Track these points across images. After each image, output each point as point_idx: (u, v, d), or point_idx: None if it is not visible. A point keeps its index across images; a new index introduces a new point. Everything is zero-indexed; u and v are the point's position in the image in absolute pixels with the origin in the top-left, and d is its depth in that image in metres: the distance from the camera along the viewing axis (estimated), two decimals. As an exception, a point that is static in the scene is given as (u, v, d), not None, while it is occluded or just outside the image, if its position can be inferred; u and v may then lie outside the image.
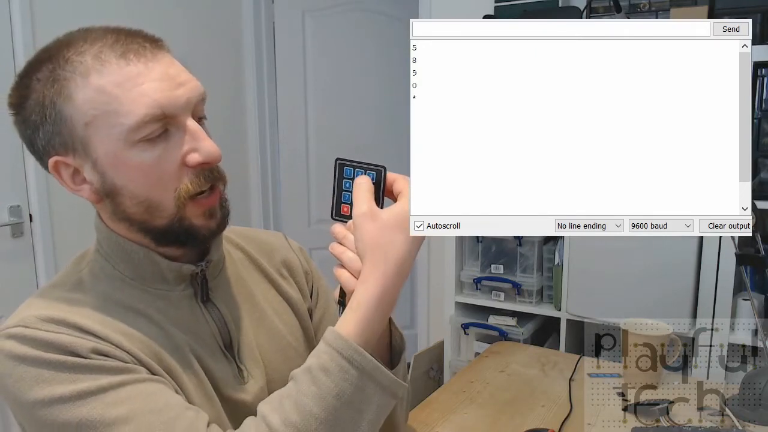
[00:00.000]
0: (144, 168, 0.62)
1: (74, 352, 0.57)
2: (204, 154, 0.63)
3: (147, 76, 0.60)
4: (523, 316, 1.87)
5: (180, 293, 0.69)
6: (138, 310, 0.65)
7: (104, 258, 0.68)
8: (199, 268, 0.69)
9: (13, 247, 1.82)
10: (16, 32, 1.76)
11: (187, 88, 0.63)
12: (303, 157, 2.77)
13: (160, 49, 0.64)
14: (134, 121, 0.59)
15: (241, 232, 0.84)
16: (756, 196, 0.73)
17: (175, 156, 0.62)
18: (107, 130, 0.60)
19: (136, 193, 0.63)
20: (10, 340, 0.58)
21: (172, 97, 0.61)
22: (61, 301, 0.63)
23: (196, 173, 0.63)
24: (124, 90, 0.59)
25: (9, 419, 1.81)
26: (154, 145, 0.61)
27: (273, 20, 2.69)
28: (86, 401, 0.55)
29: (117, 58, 0.60)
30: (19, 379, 0.57)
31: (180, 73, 0.63)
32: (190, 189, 0.63)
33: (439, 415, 1.09)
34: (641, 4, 1.73)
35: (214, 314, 0.71)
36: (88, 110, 0.60)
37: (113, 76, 0.60)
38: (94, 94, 0.60)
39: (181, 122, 0.62)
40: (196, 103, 0.64)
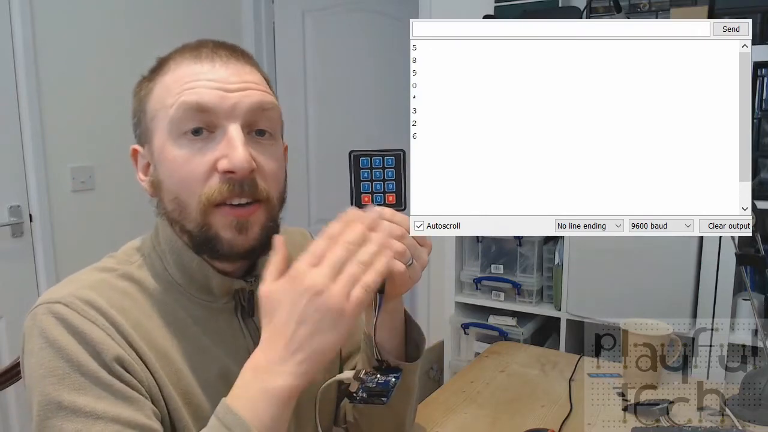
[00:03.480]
0: (177, 163, 0.62)
1: (99, 353, 0.58)
2: (231, 162, 0.61)
3: (206, 75, 0.62)
4: (523, 316, 1.87)
5: (222, 305, 0.69)
6: (177, 320, 0.65)
7: (159, 257, 0.68)
8: (249, 284, 0.69)
9: (13, 247, 1.82)
10: (16, 32, 1.76)
11: (240, 95, 0.62)
12: (303, 156, 2.77)
13: (238, 59, 0.65)
14: (173, 111, 0.62)
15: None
16: (756, 196, 0.73)
17: (207, 157, 0.62)
18: (161, 122, 0.63)
19: (171, 189, 0.64)
20: (48, 315, 0.59)
21: (217, 97, 0.61)
22: (110, 287, 0.64)
23: (224, 180, 0.61)
24: (180, 84, 0.62)
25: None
26: (192, 143, 0.62)
27: (273, 20, 2.69)
28: (77, 420, 0.55)
29: (189, 59, 0.64)
30: (38, 364, 0.57)
31: (243, 81, 0.63)
32: (212, 195, 0.62)
33: (439, 415, 1.09)
34: (641, 4, 1.73)
35: (251, 329, 0.71)
36: (155, 104, 0.64)
37: (180, 73, 0.63)
38: (161, 90, 0.64)
39: (225, 126, 0.62)
40: (250, 112, 0.63)
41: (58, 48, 1.88)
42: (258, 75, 0.67)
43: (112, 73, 2.02)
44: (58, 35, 1.88)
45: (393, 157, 0.63)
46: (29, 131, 1.80)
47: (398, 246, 0.60)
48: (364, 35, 2.73)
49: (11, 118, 1.78)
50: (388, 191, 0.63)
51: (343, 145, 2.71)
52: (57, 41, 1.88)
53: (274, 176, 0.66)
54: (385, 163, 0.63)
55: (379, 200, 0.63)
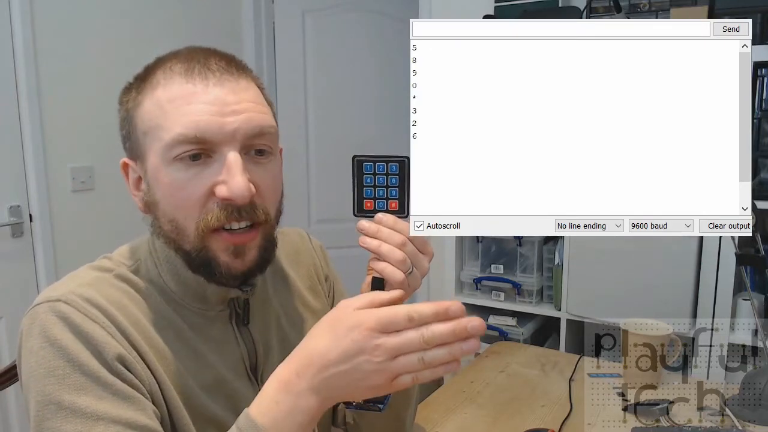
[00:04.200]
0: (173, 188, 0.61)
1: (100, 352, 0.58)
2: (230, 189, 0.59)
3: (200, 97, 0.60)
4: (523, 316, 1.87)
5: (217, 313, 0.69)
6: (172, 324, 0.65)
7: (155, 264, 0.67)
8: (244, 293, 0.69)
9: (13, 247, 1.82)
10: (16, 32, 1.76)
11: (240, 119, 0.61)
12: (303, 157, 2.77)
13: (232, 74, 0.63)
14: (169, 139, 0.60)
15: None
16: (756, 196, 0.73)
17: (205, 183, 0.61)
18: (155, 143, 0.61)
19: (167, 212, 0.63)
20: (50, 314, 0.58)
21: (215, 123, 0.60)
22: (109, 285, 0.63)
23: (222, 207, 0.61)
24: (174, 107, 0.60)
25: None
26: (188, 168, 0.60)
27: (273, 20, 2.69)
28: (77, 420, 0.55)
29: (181, 75, 0.61)
30: (38, 363, 0.57)
31: (240, 102, 0.62)
32: (209, 222, 0.61)
33: (439, 415, 1.09)
34: (641, 4, 1.73)
35: (245, 336, 0.71)
36: (147, 121, 0.62)
37: (172, 92, 0.61)
38: (152, 107, 0.62)
39: (223, 152, 0.60)
40: (250, 136, 0.62)
41: (58, 48, 1.88)
42: (254, 90, 0.65)
43: (112, 73, 2.01)
44: (58, 35, 1.88)
45: (397, 163, 0.63)
46: (29, 131, 1.80)
47: (398, 255, 0.60)
48: (364, 35, 2.73)
49: (11, 118, 1.78)
50: (391, 198, 0.63)
51: (343, 146, 2.73)
52: (57, 41, 1.88)
53: (273, 193, 0.66)
54: (389, 170, 0.63)
55: (381, 206, 0.63)
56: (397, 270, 0.60)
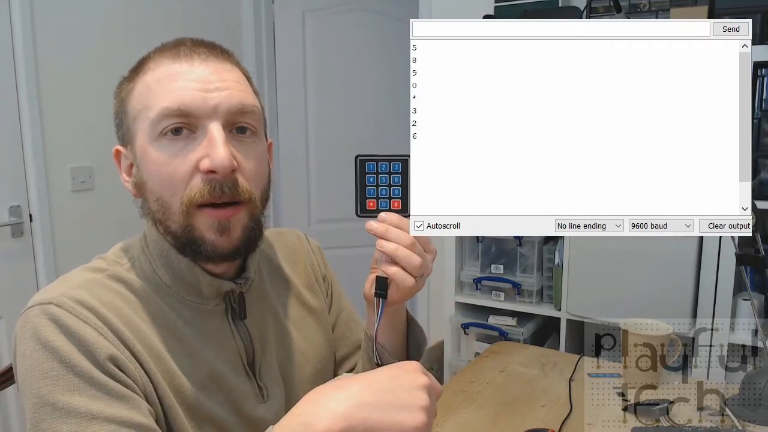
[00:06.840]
0: (159, 164, 0.62)
1: (92, 353, 0.58)
2: (213, 161, 0.60)
3: (185, 75, 0.62)
4: (523, 316, 1.87)
5: (213, 308, 0.69)
6: (167, 322, 0.65)
7: (148, 260, 0.68)
8: (239, 285, 0.69)
9: (13, 247, 1.82)
10: (16, 32, 1.76)
11: (223, 95, 0.62)
12: (303, 157, 2.77)
13: (217, 56, 0.65)
14: (154, 115, 0.61)
15: (265, 235, 0.83)
16: (756, 196, 0.73)
17: (189, 157, 0.62)
18: (143, 123, 0.63)
19: (154, 190, 0.64)
20: (41, 317, 0.59)
21: (198, 98, 0.61)
22: (100, 286, 0.64)
23: (206, 181, 0.61)
24: (160, 85, 0.62)
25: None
26: (173, 143, 0.62)
27: (273, 20, 2.69)
28: (72, 421, 0.55)
29: (168, 58, 0.63)
30: (31, 366, 0.57)
31: (224, 80, 0.63)
32: (193, 197, 0.61)
33: (439, 415, 1.09)
34: (641, 4, 1.73)
35: (242, 331, 0.71)
36: (136, 104, 0.64)
37: (160, 73, 0.63)
38: (142, 89, 0.64)
39: (206, 126, 0.62)
40: (231, 113, 0.63)
41: (58, 48, 1.88)
42: (238, 72, 0.67)
43: (112, 73, 2.00)
44: (58, 35, 1.88)
45: (400, 162, 0.63)
46: (29, 131, 1.80)
47: (415, 261, 0.61)
48: (364, 35, 2.73)
49: (11, 118, 1.78)
50: (394, 197, 0.63)
51: (343, 145, 2.73)
52: (57, 41, 1.88)
53: (257, 175, 0.66)
54: (392, 169, 0.63)
55: (384, 206, 0.63)
56: (408, 276, 0.61)
